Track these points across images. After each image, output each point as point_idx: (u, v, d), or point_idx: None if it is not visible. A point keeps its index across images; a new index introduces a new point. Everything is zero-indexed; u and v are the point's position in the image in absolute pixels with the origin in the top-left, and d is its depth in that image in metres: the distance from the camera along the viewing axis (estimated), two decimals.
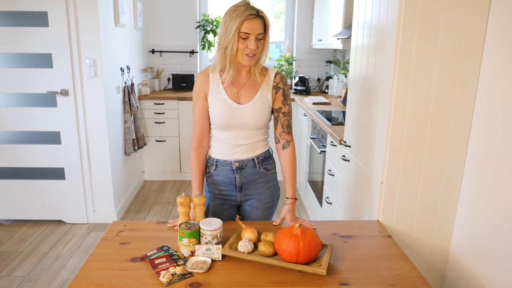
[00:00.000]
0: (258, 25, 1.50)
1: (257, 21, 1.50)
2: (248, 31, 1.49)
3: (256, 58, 1.56)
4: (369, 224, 1.71)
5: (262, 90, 1.62)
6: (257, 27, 1.50)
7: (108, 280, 1.25)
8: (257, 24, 1.50)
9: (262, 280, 1.27)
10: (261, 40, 1.53)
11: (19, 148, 3.14)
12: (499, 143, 1.49)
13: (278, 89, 1.65)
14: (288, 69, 4.60)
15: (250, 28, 1.48)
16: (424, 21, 1.53)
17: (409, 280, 1.29)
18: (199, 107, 1.65)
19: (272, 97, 1.64)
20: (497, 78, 1.50)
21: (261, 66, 1.63)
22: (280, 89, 1.65)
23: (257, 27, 1.49)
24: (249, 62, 1.55)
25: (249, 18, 1.48)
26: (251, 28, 1.48)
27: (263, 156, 1.70)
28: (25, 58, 3.09)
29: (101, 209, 3.32)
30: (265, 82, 1.63)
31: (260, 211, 1.74)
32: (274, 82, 1.65)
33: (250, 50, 1.51)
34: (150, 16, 4.44)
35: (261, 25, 1.51)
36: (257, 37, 1.51)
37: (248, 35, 1.49)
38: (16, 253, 2.82)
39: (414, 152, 1.67)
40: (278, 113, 1.67)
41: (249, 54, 1.52)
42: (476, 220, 1.62)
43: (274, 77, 1.65)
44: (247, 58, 1.53)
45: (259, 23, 1.50)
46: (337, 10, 3.45)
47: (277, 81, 1.65)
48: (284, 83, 1.67)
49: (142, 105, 4.11)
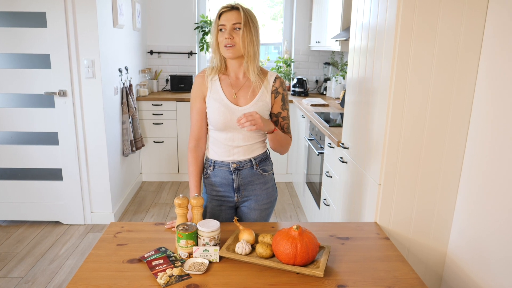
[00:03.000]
0: (233, 15, 1.54)
1: (232, 12, 1.55)
2: (223, 22, 1.55)
3: (236, 50, 1.56)
4: (366, 226, 1.71)
5: (261, 93, 1.63)
6: (231, 18, 1.54)
7: (105, 281, 1.25)
8: (232, 15, 1.54)
9: (260, 281, 1.27)
10: (238, 30, 1.55)
11: (16, 149, 3.13)
12: (497, 144, 1.49)
13: (278, 94, 1.66)
14: (286, 71, 4.61)
15: (225, 19, 1.55)
16: (422, 23, 1.54)
17: (407, 282, 1.29)
18: (197, 108, 1.66)
19: (271, 101, 1.65)
20: (494, 80, 1.51)
21: (257, 66, 1.62)
22: (279, 94, 1.66)
23: (231, 18, 1.54)
24: (229, 54, 1.57)
25: (224, 11, 1.55)
26: (226, 19, 1.54)
27: (261, 157, 1.70)
28: (23, 58, 3.09)
29: (99, 210, 3.31)
30: (264, 85, 1.63)
31: (258, 212, 1.74)
32: (274, 86, 1.65)
33: (227, 41, 1.54)
34: (149, 17, 4.44)
35: (236, 15, 1.54)
36: (233, 27, 1.54)
37: (224, 26, 1.55)
38: (13, 254, 2.81)
39: (411, 154, 1.68)
40: (277, 118, 1.69)
41: (227, 45, 1.55)
42: (474, 222, 1.62)
43: (273, 81, 1.65)
44: (225, 50, 1.56)
45: (234, 14, 1.54)
46: (335, 12, 3.46)
47: (276, 86, 1.65)
48: (284, 88, 1.69)
49: (140, 106, 4.11)
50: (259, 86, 1.63)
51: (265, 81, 1.64)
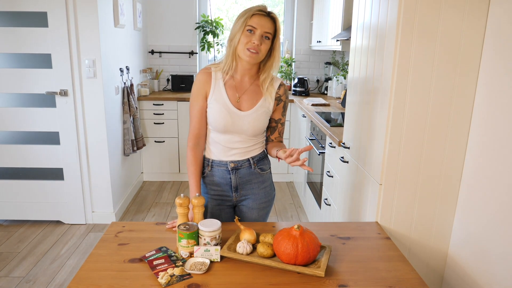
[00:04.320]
0: (267, 23, 1.50)
1: (267, 19, 1.50)
2: (255, 25, 1.49)
3: (258, 58, 1.53)
4: (367, 226, 1.71)
5: (264, 99, 1.62)
6: (265, 25, 1.49)
7: (106, 281, 1.25)
8: (266, 22, 1.50)
9: (261, 281, 1.27)
10: (267, 40, 1.51)
11: (18, 148, 3.14)
12: (498, 143, 1.49)
13: (280, 101, 1.67)
14: (287, 71, 4.61)
15: (258, 23, 1.49)
16: (423, 23, 1.54)
17: (408, 282, 1.29)
18: (198, 107, 1.63)
19: (273, 107, 1.65)
20: (496, 80, 1.51)
21: (271, 77, 1.61)
22: (282, 101, 1.67)
23: (265, 24, 1.49)
24: (250, 59, 1.52)
25: (259, 13, 1.49)
26: (259, 23, 1.49)
27: (259, 156, 1.70)
28: (25, 58, 3.09)
29: (100, 209, 3.32)
30: (268, 91, 1.62)
31: (256, 211, 1.74)
32: (278, 93, 1.65)
33: (253, 45, 1.49)
34: (150, 17, 4.45)
35: (270, 24, 1.51)
36: (263, 34, 1.50)
37: (254, 29, 1.49)
38: (14, 254, 2.81)
39: (412, 154, 1.68)
40: (276, 124, 1.71)
41: (251, 50, 1.49)
42: (474, 222, 1.62)
43: (278, 87, 1.65)
44: (248, 54, 1.50)
45: (268, 22, 1.50)
46: (336, 11, 3.46)
47: (280, 93, 1.66)
48: (287, 96, 1.69)
49: (141, 106, 4.11)
50: (263, 91, 1.63)
51: (270, 87, 1.63)
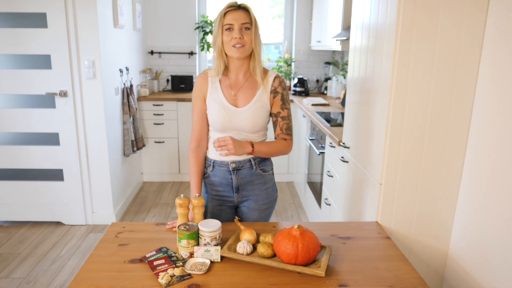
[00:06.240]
0: (241, 15, 1.52)
1: (240, 11, 1.53)
2: (231, 21, 1.52)
3: (246, 50, 1.55)
4: (368, 226, 1.71)
5: (260, 94, 1.62)
6: (240, 17, 1.52)
7: (106, 281, 1.25)
8: (240, 15, 1.52)
9: (261, 281, 1.27)
10: (248, 30, 1.54)
11: (17, 150, 3.13)
12: (498, 143, 1.49)
13: (277, 93, 1.65)
14: (287, 71, 4.61)
15: (232, 19, 1.52)
16: (423, 22, 1.54)
17: (408, 282, 1.29)
18: (198, 109, 1.66)
19: (269, 101, 1.64)
20: (496, 79, 1.51)
21: (262, 67, 1.63)
22: (278, 93, 1.65)
23: (239, 17, 1.52)
24: (239, 54, 1.54)
25: (231, 10, 1.53)
26: (233, 18, 1.52)
27: (260, 157, 1.70)
28: (24, 59, 3.09)
29: (100, 210, 3.32)
30: (263, 85, 1.63)
31: (257, 212, 1.74)
32: (273, 86, 1.64)
33: (236, 40, 1.52)
34: (149, 17, 4.44)
35: (245, 15, 1.53)
36: (242, 27, 1.52)
37: (231, 25, 1.52)
38: (14, 255, 2.81)
39: (412, 154, 1.68)
40: (276, 118, 1.67)
41: (236, 45, 1.52)
42: (475, 221, 1.62)
43: (272, 80, 1.64)
44: (235, 50, 1.53)
45: (242, 14, 1.53)
46: (336, 11, 3.46)
47: (275, 85, 1.65)
48: (283, 87, 1.67)
49: (141, 106, 4.11)
50: (259, 86, 1.63)
51: (265, 81, 1.63)
